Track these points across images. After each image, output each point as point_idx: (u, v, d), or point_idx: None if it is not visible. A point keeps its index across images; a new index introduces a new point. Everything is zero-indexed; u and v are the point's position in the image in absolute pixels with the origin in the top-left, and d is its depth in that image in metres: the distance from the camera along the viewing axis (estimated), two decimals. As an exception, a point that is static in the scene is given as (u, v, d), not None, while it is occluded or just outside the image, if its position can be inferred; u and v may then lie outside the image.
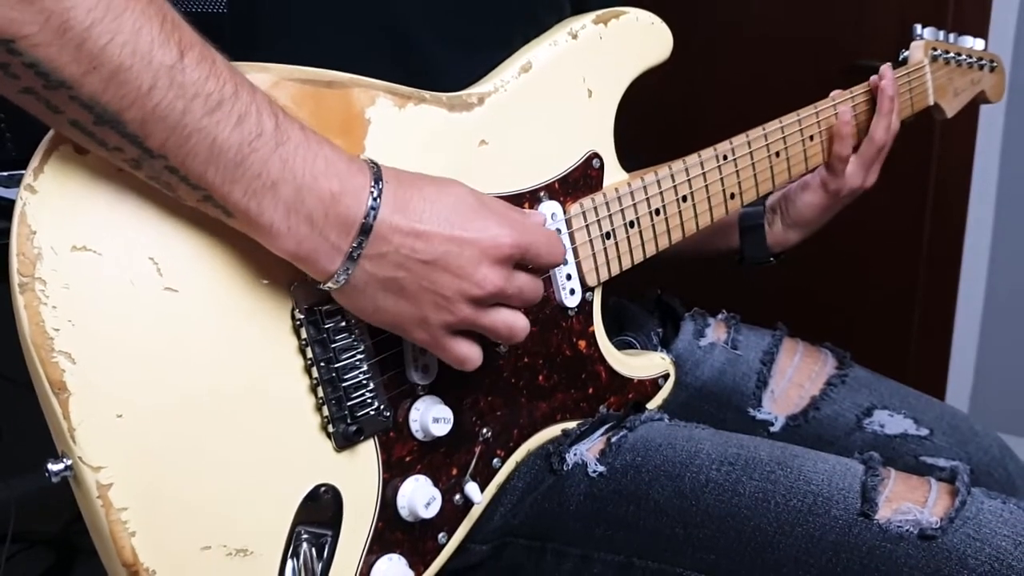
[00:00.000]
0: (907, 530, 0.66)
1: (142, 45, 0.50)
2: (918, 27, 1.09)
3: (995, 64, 1.19)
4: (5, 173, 1.14)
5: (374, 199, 0.58)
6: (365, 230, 0.57)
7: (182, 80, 0.51)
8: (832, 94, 0.98)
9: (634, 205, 0.81)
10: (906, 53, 1.08)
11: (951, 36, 1.12)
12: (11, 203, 0.84)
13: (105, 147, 0.53)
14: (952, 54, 1.11)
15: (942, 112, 1.12)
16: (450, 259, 0.60)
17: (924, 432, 0.91)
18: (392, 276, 0.59)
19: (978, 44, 1.15)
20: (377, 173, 0.59)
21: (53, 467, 0.53)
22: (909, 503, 0.67)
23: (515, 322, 0.65)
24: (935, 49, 1.08)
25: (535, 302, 0.66)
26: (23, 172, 0.55)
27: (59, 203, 0.53)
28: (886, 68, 0.98)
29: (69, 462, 0.53)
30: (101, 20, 0.48)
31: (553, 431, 0.78)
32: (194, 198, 0.56)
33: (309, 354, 0.62)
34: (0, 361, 1.05)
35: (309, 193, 0.56)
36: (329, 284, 0.59)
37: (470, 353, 0.64)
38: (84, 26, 0.48)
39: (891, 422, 0.92)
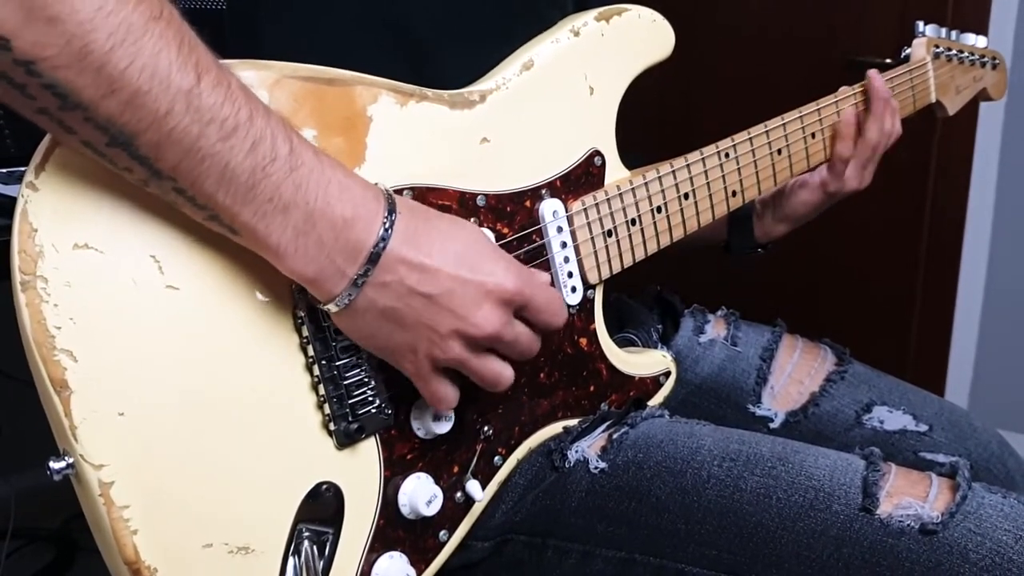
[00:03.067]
0: (908, 524, 0.66)
1: (161, 69, 0.50)
2: (920, 24, 1.09)
3: (997, 61, 1.19)
4: (4, 170, 1.14)
5: (386, 229, 0.58)
6: (373, 258, 0.58)
7: (198, 105, 0.51)
8: (840, 90, 0.98)
9: (636, 203, 0.81)
10: (908, 50, 1.08)
11: (953, 33, 1.12)
12: (11, 200, 0.84)
13: (115, 166, 0.53)
14: (954, 51, 1.11)
15: (944, 109, 1.12)
16: (452, 297, 0.60)
17: (923, 428, 0.91)
18: (392, 306, 0.60)
19: (980, 41, 1.15)
20: (391, 203, 0.59)
21: (55, 465, 0.53)
22: (910, 498, 0.68)
23: (502, 372, 0.65)
24: (937, 46, 1.08)
25: (529, 357, 0.66)
26: (22, 169, 0.55)
27: (61, 201, 0.53)
28: (873, 73, 0.98)
29: (71, 460, 0.53)
30: (122, 43, 0.48)
31: (554, 428, 0.78)
32: (200, 216, 0.56)
33: (310, 352, 0.62)
34: (0, 357, 1.05)
35: (321, 217, 0.56)
36: (330, 306, 0.59)
37: (447, 395, 0.64)
38: (105, 50, 0.48)
39: (890, 418, 0.92)
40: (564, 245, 0.76)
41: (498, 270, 0.62)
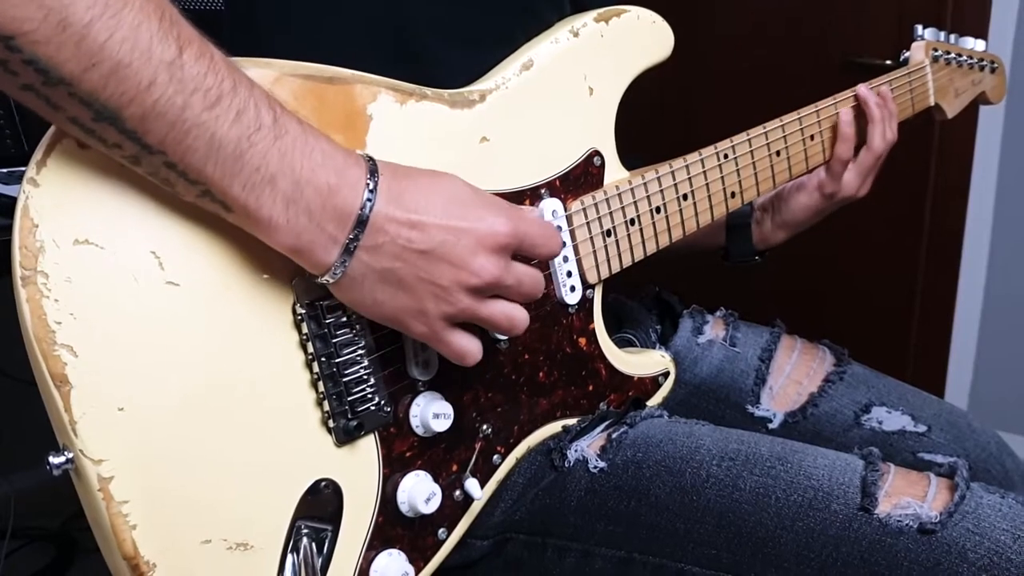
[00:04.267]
0: (907, 524, 0.66)
1: (141, 41, 0.50)
2: (919, 28, 1.09)
3: (996, 65, 1.19)
4: (5, 170, 1.14)
5: (370, 191, 0.58)
6: (361, 221, 0.58)
7: (181, 76, 0.51)
8: (859, 85, 0.98)
9: (635, 203, 0.81)
10: (907, 54, 1.08)
11: (952, 37, 1.12)
12: (11, 199, 0.84)
13: (104, 144, 0.53)
14: (953, 55, 1.11)
15: (943, 113, 1.12)
16: (447, 248, 0.60)
17: (922, 429, 0.91)
18: (389, 267, 0.59)
19: (979, 45, 1.15)
20: (373, 166, 0.59)
21: (54, 460, 0.53)
22: (909, 498, 0.68)
23: (515, 313, 0.64)
24: (936, 50, 1.09)
25: (536, 296, 0.66)
26: (23, 169, 0.55)
27: (61, 197, 0.53)
28: (860, 87, 0.98)
29: (70, 455, 0.53)
30: (100, 16, 0.48)
31: (554, 428, 0.78)
32: (193, 193, 0.56)
33: (310, 349, 0.62)
34: (0, 357, 1.05)
35: (307, 185, 0.56)
36: (326, 277, 0.59)
37: (470, 346, 0.64)
38: (83, 23, 0.48)
39: (889, 419, 0.92)
40: (563, 245, 0.77)
41: (487, 215, 0.62)
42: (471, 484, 0.71)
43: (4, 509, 1.53)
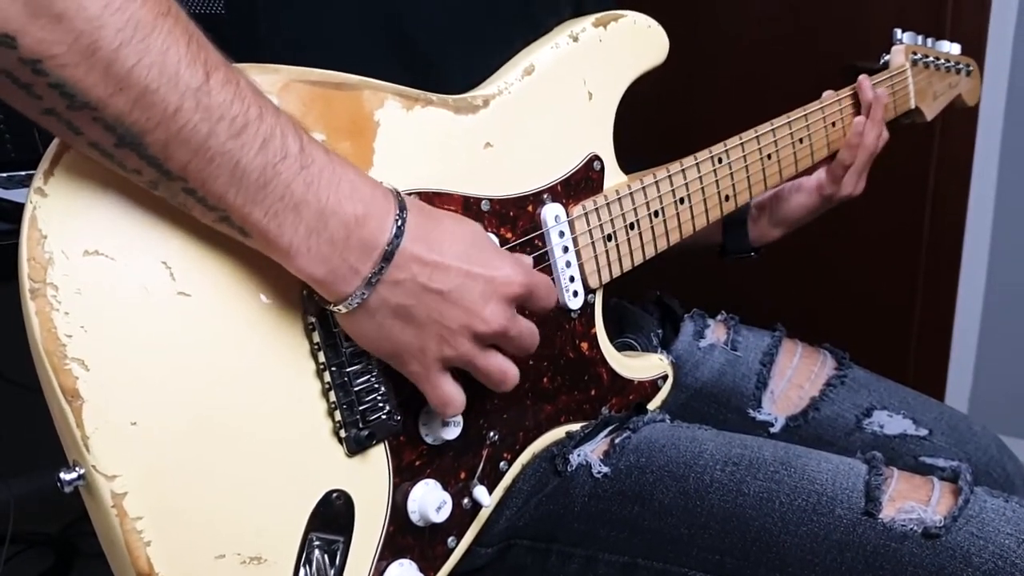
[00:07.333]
0: (911, 529, 0.66)
1: (169, 66, 0.49)
2: (898, 31, 1.10)
3: (971, 68, 1.21)
4: (4, 174, 1.12)
5: (399, 226, 0.58)
6: (387, 256, 0.58)
7: (208, 103, 0.51)
8: (825, 95, 0.99)
9: (634, 208, 0.81)
10: (887, 57, 1.10)
11: (929, 40, 1.14)
12: (10, 204, 0.83)
13: (123, 168, 0.52)
14: (931, 58, 1.13)
15: (922, 115, 1.14)
16: (463, 292, 0.60)
17: (923, 432, 0.92)
18: (404, 304, 0.59)
19: (955, 48, 1.18)
20: (401, 202, 0.59)
21: (66, 476, 0.52)
22: (913, 502, 0.68)
23: (509, 371, 0.65)
24: (915, 53, 1.10)
25: (529, 352, 0.67)
26: (22, 173, 0.54)
27: (70, 207, 0.52)
28: (863, 78, 0.99)
29: (82, 471, 0.52)
30: (130, 41, 0.48)
31: (557, 433, 0.78)
32: (211, 218, 0.55)
33: (321, 359, 0.62)
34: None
35: (333, 216, 0.56)
36: (341, 307, 0.59)
37: (455, 397, 0.64)
38: (112, 47, 0.47)
39: (890, 422, 0.93)
40: (566, 250, 0.77)
41: (505, 265, 0.63)
42: (479, 491, 0.71)
43: (3, 514, 1.52)
